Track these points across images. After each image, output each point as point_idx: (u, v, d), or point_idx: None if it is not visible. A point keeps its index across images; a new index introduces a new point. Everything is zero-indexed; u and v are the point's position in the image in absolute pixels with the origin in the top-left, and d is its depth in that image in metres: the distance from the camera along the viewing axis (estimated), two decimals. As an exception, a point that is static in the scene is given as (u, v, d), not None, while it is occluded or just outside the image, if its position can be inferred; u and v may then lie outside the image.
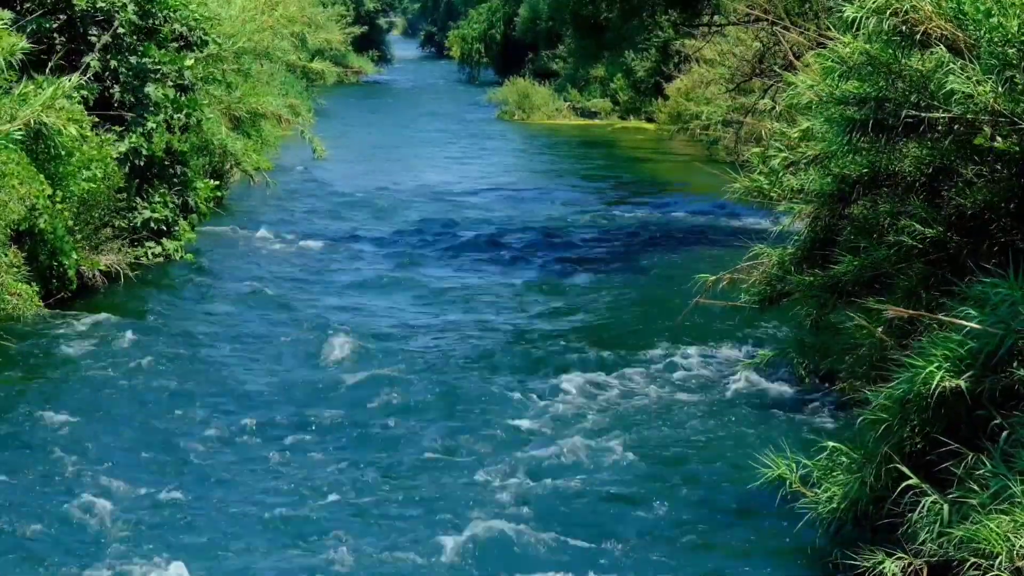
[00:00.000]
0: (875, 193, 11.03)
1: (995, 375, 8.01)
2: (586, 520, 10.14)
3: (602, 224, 25.08)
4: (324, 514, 10.23)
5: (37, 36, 17.11)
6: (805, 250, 12.10)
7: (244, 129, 26.36)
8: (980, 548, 7.34)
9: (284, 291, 18.54)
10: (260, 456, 11.61)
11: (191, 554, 9.38)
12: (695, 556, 9.55)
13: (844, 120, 9.83)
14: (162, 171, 19.54)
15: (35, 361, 14.25)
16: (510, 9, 64.44)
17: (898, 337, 9.57)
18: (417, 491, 10.71)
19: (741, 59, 24.73)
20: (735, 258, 13.18)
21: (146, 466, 11.21)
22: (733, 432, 12.11)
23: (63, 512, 10.06)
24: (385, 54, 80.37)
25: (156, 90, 18.45)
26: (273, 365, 14.58)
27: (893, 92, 9.30)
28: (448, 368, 14.40)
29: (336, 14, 55.25)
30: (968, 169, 10.12)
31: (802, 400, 13.00)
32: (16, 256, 15.24)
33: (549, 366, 14.38)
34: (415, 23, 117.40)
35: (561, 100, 48.63)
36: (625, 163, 36.21)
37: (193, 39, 19.31)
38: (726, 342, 15.04)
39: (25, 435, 11.84)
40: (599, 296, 18.62)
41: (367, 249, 22.27)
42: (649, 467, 11.24)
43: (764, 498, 9.60)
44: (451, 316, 17.35)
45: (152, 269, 18.90)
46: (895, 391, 8.31)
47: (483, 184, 30.81)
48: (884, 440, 8.43)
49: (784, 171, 12.25)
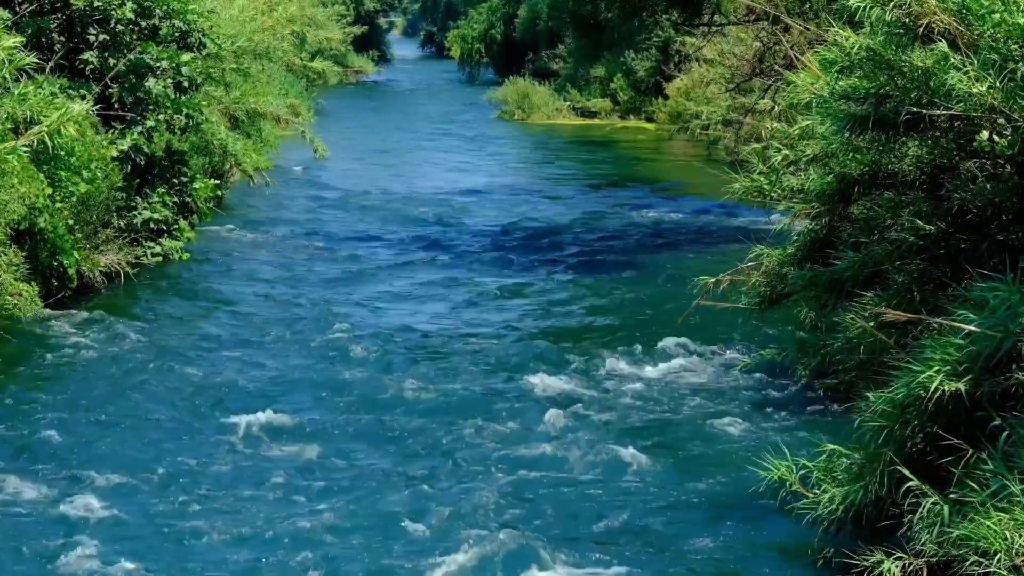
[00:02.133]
0: (876, 193, 11.02)
1: (994, 377, 8.00)
2: (585, 520, 10.13)
3: (601, 224, 25.06)
4: (324, 514, 10.21)
5: (36, 36, 17.12)
6: (805, 250, 12.09)
7: (244, 129, 26.36)
8: (979, 546, 7.35)
9: (284, 291, 18.54)
10: (260, 455, 11.60)
11: (191, 554, 9.38)
12: (695, 556, 9.54)
13: (844, 116, 9.79)
14: (162, 171, 19.55)
15: (35, 361, 14.25)
16: (510, 9, 64.43)
17: (897, 337, 9.56)
18: (418, 490, 10.69)
19: (741, 59, 24.74)
20: (735, 258, 13.18)
21: (146, 465, 11.19)
22: (733, 433, 12.10)
23: (62, 512, 10.06)
24: (385, 54, 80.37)
25: (156, 85, 18.43)
26: (273, 364, 14.57)
27: (894, 88, 9.27)
28: (447, 367, 14.38)
29: (336, 14, 55.25)
30: (968, 167, 10.10)
31: (802, 400, 12.99)
32: (16, 255, 15.24)
33: (548, 366, 14.37)
34: (415, 23, 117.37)
35: (561, 100, 48.62)
36: (625, 163, 36.20)
37: (192, 41, 19.31)
38: (726, 343, 15.03)
39: (24, 435, 11.83)
40: (598, 296, 18.61)
41: (367, 249, 22.26)
42: (649, 467, 11.23)
43: (764, 499, 9.60)
44: (450, 315, 17.35)
45: (152, 269, 18.90)
46: (895, 394, 8.30)
47: (483, 184, 30.80)
48: (884, 442, 8.43)
49: (784, 170, 12.24)
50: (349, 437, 12.12)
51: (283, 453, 11.70)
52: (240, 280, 19.21)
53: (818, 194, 11.48)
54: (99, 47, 18.16)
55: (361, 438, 12.08)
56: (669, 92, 38.57)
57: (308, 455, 11.63)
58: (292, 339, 15.65)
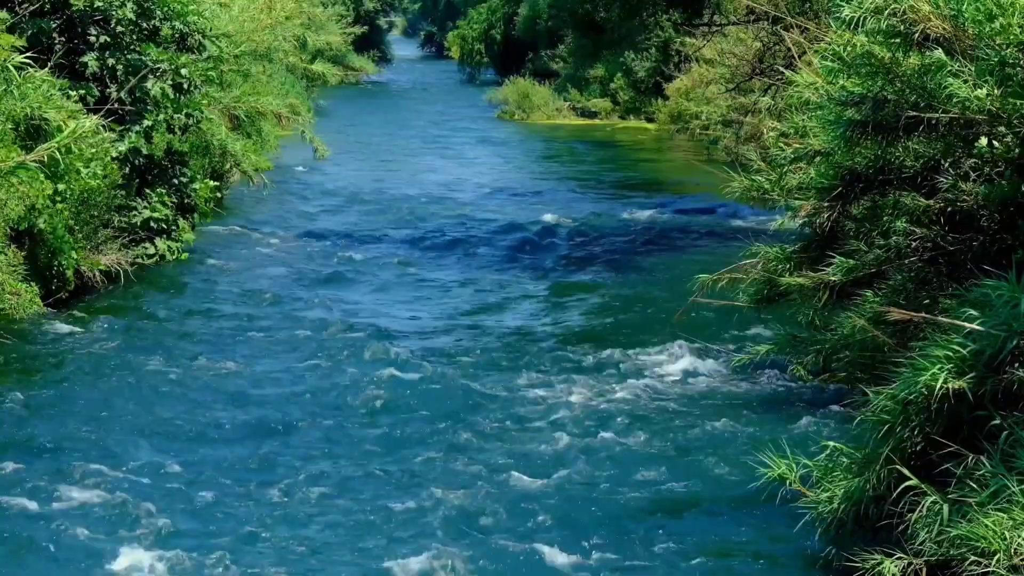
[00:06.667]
0: (876, 191, 11.02)
1: (996, 376, 8.00)
2: (584, 519, 10.13)
3: (601, 224, 25.07)
4: (324, 514, 10.23)
5: (37, 37, 17.12)
6: (804, 249, 12.09)
7: (244, 129, 26.36)
8: (978, 546, 7.35)
9: (284, 291, 18.54)
10: (260, 455, 11.60)
11: (190, 553, 9.38)
12: (694, 555, 9.54)
13: (844, 122, 9.82)
14: (162, 171, 19.55)
15: (35, 360, 14.25)
16: (510, 9, 64.44)
17: (896, 336, 9.56)
18: (418, 489, 10.70)
19: (741, 59, 24.73)
20: (735, 257, 13.17)
21: (146, 465, 11.20)
22: (732, 431, 12.10)
23: (62, 511, 10.06)
24: (385, 54, 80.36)
25: (155, 85, 18.43)
26: (273, 364, 14.58)
27: (892, 92, 9.28)
28: (446, 367, 14.38)
29: (336, 14, 55.27)
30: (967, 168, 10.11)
31: (801, 399, 13.00)
32: (16, 255, 15.24)
33: (547, 365, 14.39)
34: (415, 23, 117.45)
35: (561, 100, 48.65)
36: (625, 163, 36.21)
37: (191, 43, 19.31)
38: (725, 341, 15.03)
39: (24, 434, 11.83)
40: (598, 296, 18.63)
41: (367, 249, 22.27)
42: (647, 466, 11.22)
43: (764, 498, 9.59)
44: (450, 315, 17.35)
45: (152, 269, 18.91)
46: (896, 392, 8.30)
47: (483, 184, 30.81)
48: (885, 441, 8.42)
49: (788, 166, 12.23)
50: (348, 437, 12.12)
51: (284, 453, 11.71)
52: (240, 280, 19.21)
53: (819, 190, 11.48)
54: (99, 48, 18.15)
55: (363, 437, 12.08)
56: (669, 92, 38.58)
57: (308, 455, 11.63)
58: (292, 339, 15.66)
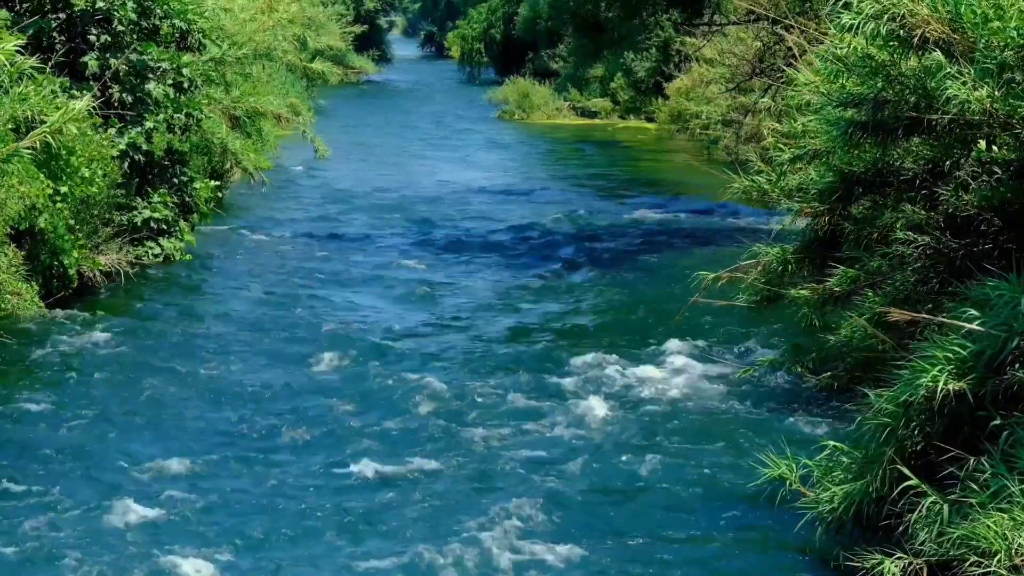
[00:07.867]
0: (876, 192, 11.03)
1: (997, 377, 8.00)
2: (584, 518, 10.14)
3: (600, 224, 25.07)
4: (324, 514, 10.23)
5: (37, 37, 17.12)
6: (804, 250, 12.10)
7: (244, 129, 26.37)
8: (979, 546, 7.36)
9: (284, 291, 18.54)
10: (261, 456, 11.60)
11: (189, 553, 9.38)
12: (694, 555, 9.55)
13: (844, 123, 9.83)
14: (162, 171, 19.56)
15: (35, 361, 14.25)
16: (510, 9, 64.44)
17: (896, 336, 9.56)
18: (418, 489, 10.71)
19: (741, 58, 24.74)
20: (735, 258, 13.18)
21: (146, 465, 11.20)
22: (732, 431, 12.10)
23: (62, 511, 10.07)
24: (385, 54, 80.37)
25: (156, 87, 18.44)
26: (274, 364, 14.58)
27: (891, 93, 9.31)
28: (446, 367, 14.40)
29: (336, 13, 55.24)
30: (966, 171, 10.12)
31: (802, 399, 12.99)
32: (16, 255, 15.24)
33: (547, 365, 14.38)
34: (415, 23, 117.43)
35: (561, 100, 48.64)
36: (625, 163, 36.21)
37: (192, 42, 19.31)
38: (726, 341, 15.03)
39: (25, 434, 11.84)
40: (598, 296, 18.63)
41: (367, 249, 22.28)
42: (647, 465, 11.22)
43: (764, 497, 9.60)
44: (451, 315, 17.34)
45: (152, 269, 18.91)
46: (898, 393, 8.31)
47: (483, 184, 30.81)
48: (886, 442, 8.43)
49: (789, 166, 12.24)
50: (348, 436, 12.12)
51: (285, 451, 11.71)
52: (240, 280, 19.22)
53: (819, 192, 11.49)
54: (100, 48, 18.16)
55: (364, 437, 12.07)
56: (669, 92, 38.58)
57: (309, 455, 11.64)
58: (293, 338, 15.66)
